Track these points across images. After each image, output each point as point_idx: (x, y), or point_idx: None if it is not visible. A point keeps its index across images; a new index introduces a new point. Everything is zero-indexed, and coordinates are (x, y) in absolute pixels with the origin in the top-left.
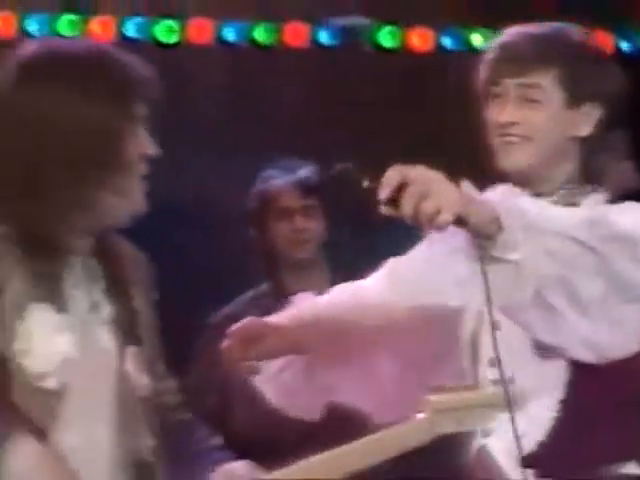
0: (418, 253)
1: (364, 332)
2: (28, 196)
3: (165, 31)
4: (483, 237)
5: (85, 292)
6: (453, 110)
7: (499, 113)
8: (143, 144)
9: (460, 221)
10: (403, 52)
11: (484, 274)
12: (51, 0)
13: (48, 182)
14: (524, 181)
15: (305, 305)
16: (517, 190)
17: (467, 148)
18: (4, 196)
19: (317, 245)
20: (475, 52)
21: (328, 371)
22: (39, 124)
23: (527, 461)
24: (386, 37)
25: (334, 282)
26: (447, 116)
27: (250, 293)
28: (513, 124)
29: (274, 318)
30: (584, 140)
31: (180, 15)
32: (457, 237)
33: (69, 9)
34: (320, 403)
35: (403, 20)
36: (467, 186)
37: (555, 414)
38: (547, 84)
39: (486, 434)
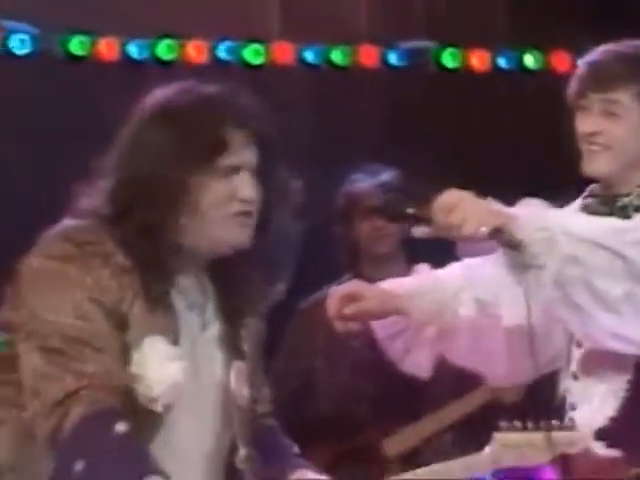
0: None
1: (473, 306)
2: (144, 223)
3: (252, 53)
4: (512, 247)
5: (198, 312)
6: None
7: (584, 123)
8: (228, 189)
9: (495, 233)
10: (464, 72)
11: (524, 281)
12: (151, 25)
13: (151, 211)
14: (606, 184)
15: (420, 275)
16: (543, 203)
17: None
18: (123, 221)
19: (397, 240)
20: (527, 72)
21: (440, 335)
22: (144, 155)
23: (600, 434)
24: (448, 58)
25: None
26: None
27: (334, 284)
28: (595, 134)
29: (384, 283)
30: None
31: (265, 39)
32: None
33: (167, 34)
34: (432, 363)
35: (463, 42)
36: (493, 202)
37: (624, 393)
38: (627, 100)
39: (573, 408)
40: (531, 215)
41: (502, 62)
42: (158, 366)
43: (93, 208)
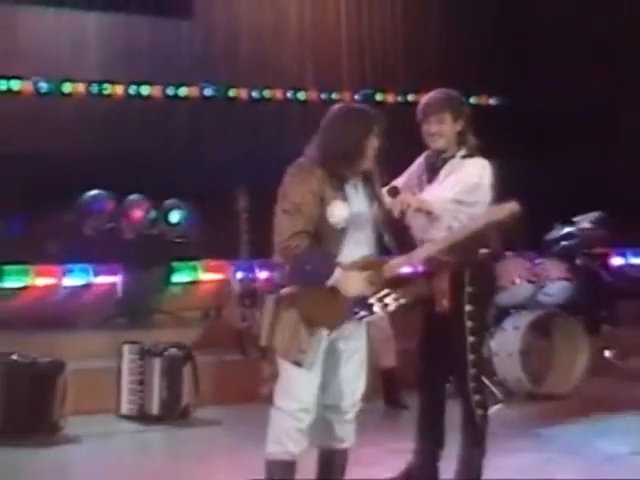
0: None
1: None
2: (341, 160)
3: (303, 95)
4: (427, 213)
5: (355, 188)
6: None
7: (428, 128)
8: (374, 145)
9: (419, 210)
10: (385, 104)
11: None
12: (254, 78)
13: (347, 156)
14: (439, 151)
15: None
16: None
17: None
18: (337, 160)
19: None
20: (409, 105)
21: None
22: (341, 136)
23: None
24: (378, 97)
25: None
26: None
27: None
28: (435, 132)
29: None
30: (457, 132)
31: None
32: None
33: (267, 86)
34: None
35: (386, 88)
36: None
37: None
38: (446, 116)
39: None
40: (432, 198)
41: (404, 98)
42: (337, 209)
43: (311, 155)
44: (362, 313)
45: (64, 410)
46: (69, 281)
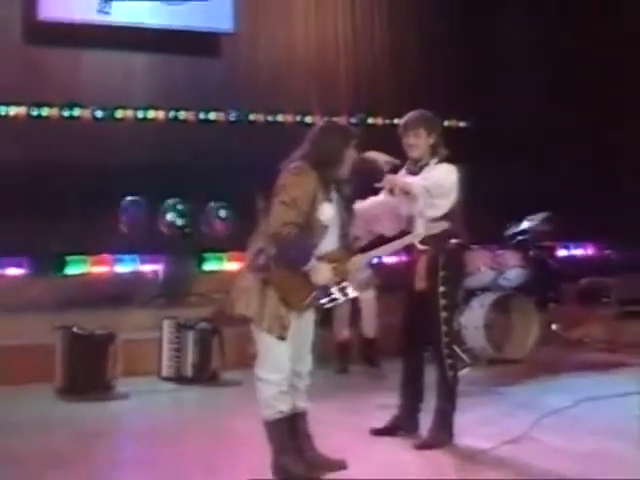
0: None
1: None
2: (325, 166)
3: (311, 120)
4: (407, 194)
5: (335, 196)
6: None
7: (407, 141)
8: (351, 156)
9: (403, 190)
10: (375, 126)
11: (414, 202)
12: (271, 105)
13: (330, 163)
14: (416, 159)
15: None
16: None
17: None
18: (322, 166)
19: None
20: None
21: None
22: (327, 144)
23: (420, 242)
24: (369, 120)
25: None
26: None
27: None
28: (412, 144)
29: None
30: (431, 144)
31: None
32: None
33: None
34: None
35: (376, 112)
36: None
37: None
38: (421, 132)
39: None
40: (413, 181)
41: (390, 121)
42: (327, 209)
43: (304, 159)
44: (324, 300)
45: (116, 372)
46: (120, 268)
